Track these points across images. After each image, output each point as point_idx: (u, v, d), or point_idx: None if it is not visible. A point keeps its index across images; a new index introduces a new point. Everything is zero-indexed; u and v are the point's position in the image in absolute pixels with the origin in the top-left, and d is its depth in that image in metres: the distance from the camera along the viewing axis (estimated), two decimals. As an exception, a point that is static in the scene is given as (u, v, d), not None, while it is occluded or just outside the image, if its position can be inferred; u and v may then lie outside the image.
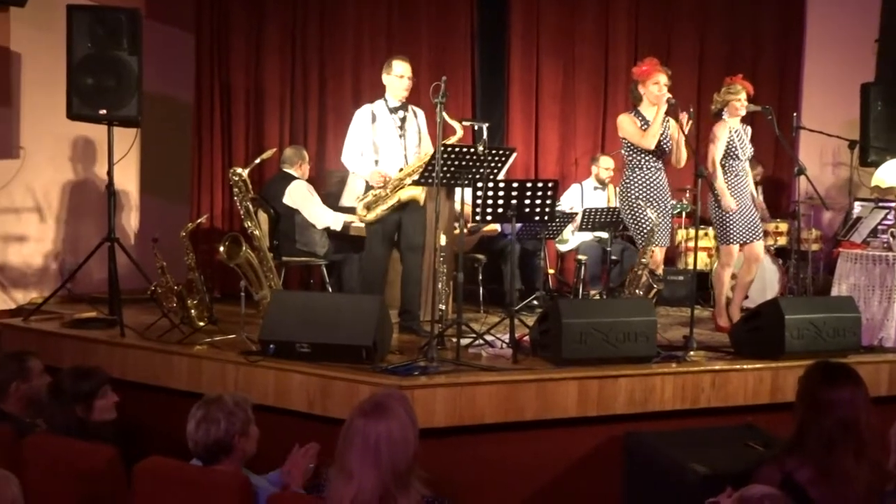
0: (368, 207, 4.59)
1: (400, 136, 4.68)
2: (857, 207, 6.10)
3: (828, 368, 2.56)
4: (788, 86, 7.14)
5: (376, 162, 4.62)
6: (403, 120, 4.71)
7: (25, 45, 5.50)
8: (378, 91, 6.57)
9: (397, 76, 4.63)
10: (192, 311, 4.32)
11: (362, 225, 5.43)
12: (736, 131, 4.96)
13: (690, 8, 7.08)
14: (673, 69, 4.90)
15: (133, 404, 3.65)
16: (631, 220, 4.78)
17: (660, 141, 4.68)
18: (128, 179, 6.14)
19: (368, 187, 4.66)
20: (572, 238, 6.25)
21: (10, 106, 5.48)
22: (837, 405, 2.38)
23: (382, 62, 6.73)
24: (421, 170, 4.45)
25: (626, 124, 4.74)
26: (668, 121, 4.71)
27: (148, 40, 4.88)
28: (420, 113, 4.85)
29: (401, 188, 4.55)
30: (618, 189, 5.05)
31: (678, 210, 6.25)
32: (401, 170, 4.60)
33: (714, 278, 5.33)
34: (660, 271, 4.71)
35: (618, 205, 5.13)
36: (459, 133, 4.62)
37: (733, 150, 4.92)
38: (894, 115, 6.49)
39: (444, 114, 4.11)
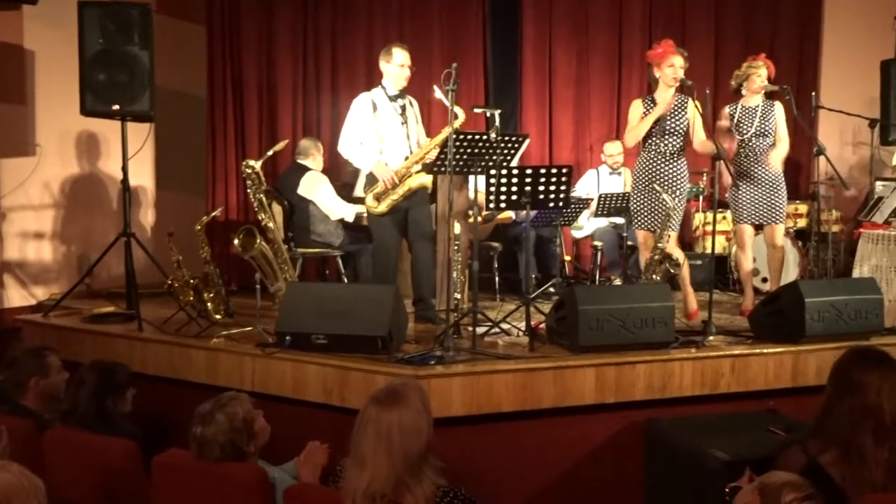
0: (378, 199, 4.53)
1: (402, 123, 4.61)
2: (879, 187, 6.00)
3: (862, 351, 2.54)
4: (807, 64, 7.01)
5: (380, 151, 4.57)
6: (404, 108, 4.65)
7: (38, 43, 5.52)
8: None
9: (398, 65, 4.54)
10: (209, 304, 4.33)
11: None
12: (744, 108, 4.89)
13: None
14: (689, 50, 4.82)
15: (152, 397, 3.67)
16: (640, 204, 4.72)
17: (675, 124, 4.62)
18: (142, 174, 6.17)
19: (374, 178, 4.58)
20: (587, 224, 6.20)
21: (25, 103, 5.51)
22: (865, 387, 2.35)
23: (395, 50, 6.64)
24: (426, 157, 4.41)
25: (631, 111, 4.75)
26: (685, 100, 4.64)
27: (159, 35, 4.88)
28: (415, 102, 4.79)
29: (408, 177, 4.51)
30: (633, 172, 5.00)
31: (694, 192, 6.18)
32: (406, 158, 4.56)
33: (735, 262, 5.26)
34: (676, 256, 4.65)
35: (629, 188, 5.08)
36: (461, 118, 4.48)
37: (733, 128, 4.87)
38: (916, 93, 6.37)
39: (442, 96, 4.04)
